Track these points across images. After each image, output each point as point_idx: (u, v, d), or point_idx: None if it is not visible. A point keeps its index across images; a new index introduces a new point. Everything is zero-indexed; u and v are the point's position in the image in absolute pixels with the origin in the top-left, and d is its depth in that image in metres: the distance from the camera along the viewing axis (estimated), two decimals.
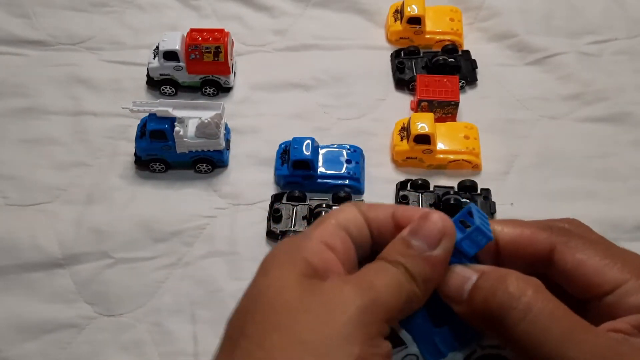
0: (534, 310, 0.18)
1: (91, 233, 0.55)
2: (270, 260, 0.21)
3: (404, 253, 0.20)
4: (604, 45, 0.68)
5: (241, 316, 0.20)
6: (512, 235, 0.22)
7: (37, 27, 0.68)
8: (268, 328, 0.19)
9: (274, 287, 0.20)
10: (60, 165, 0.59)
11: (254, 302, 0.20)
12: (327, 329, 0.18)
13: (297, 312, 0.19)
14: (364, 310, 0.19)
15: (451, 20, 0.69)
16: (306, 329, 0.18)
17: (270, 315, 0.19)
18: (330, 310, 0.19)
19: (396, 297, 0.20)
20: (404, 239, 0.21)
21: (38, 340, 0.49)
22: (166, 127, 0.56)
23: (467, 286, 0.20)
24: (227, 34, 0.62)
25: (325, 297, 0.19)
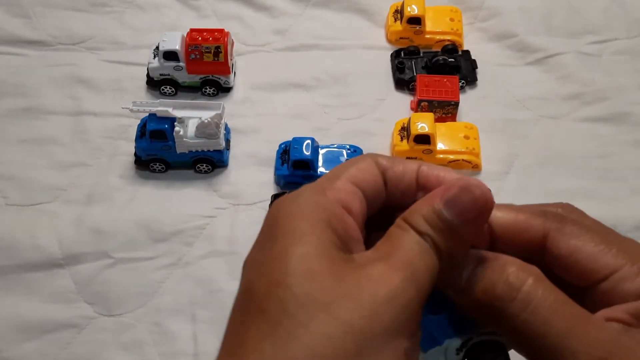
0: (534, 302, 0.18)
1: (91, 233, 0.55)
2: (295, 221, 0.19)
3: (434, 225, 0.19)
4: (604, 45, 0.68)
5: (275, 288, 0.17)
6: (506, 220, 0.21)
7: (37, 27, 0.68)
8: (312, 309, 0.16)
9: (309, 261, 0.17)
10: (60, 165, 0.59)
11: (286, 275, 0.17)
12: (375, 321, 0.17)
13: (340, 297, 0.17)
14: (412, 301, 0.17)
15: (451, 20, 0.69)
16: (353, 316, 0.16)
17: (311, 294, 0.17)
18: (376, 299, 0.17)
19: (431, 278, 0.18)
20: (436, 209, 0.19)
21: (38, 340, 0.49)
22: (166, 127, 0.56)
23: (465, 274, 0.19)
24: (227, 34, 0.62)
25: (366, 280, 0.17)
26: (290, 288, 0.17)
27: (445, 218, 0.19)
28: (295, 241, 0.18)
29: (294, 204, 0.19)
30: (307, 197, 0.20)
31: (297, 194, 0.20)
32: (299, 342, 0.16)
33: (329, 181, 0.20)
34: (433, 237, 0.19)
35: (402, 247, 0.18)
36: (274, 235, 0.19)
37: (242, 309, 0.18)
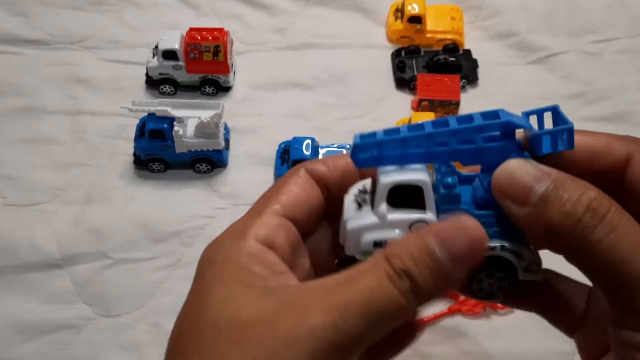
0: (619, 229, 0.17)
1: (90, 233, 0.54)
2: (209, 271, 0.20)
3: (423, 263, 0.18)
4: (605, 44, 0.68)
5: (181, 339, 0.19)
6: (585, 143, 0.20)
7: (35, 26, 0.68)
8: (216, 348, 0.18)
9: (220, 306, 0.18)
10: (58, 165, 0.59)
11: (195, 324, 0.19)
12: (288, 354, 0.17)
13: (250, 330, 0.18)
14: (325, 346, 0.17)
15: (452, 19, 0.68)
16: (263, 349, 0.17)
17: (220, 334, 0.18)
18: (274, 341, 0.17)
19: (384, 322, 0.17)
20: (428, 247, 0.18)
21: (36, 341, 0.49)
22: (165, 127, 0.56)
23: (538, 189, 0.18)
24: (227, 33, 0.62)
25: (272, 321, 0.18)
26: (195, 341, 0.18)
27: (437, 257, 0.18)
28: (208, 293, 0.19)
29: (213, 250, 0.21)
30: (226, 244, 0.21)
31: (220, 241, 0.21)
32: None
33: (252, 218, 0.21)
34: (416, 276, 0.18)
35: (357, 286, 0.18)
36: (194, 287, 0.20)
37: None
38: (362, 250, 0.21)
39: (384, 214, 0.20)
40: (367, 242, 0.20)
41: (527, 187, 0.18)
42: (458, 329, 0.50)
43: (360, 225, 0.21)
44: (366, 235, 0.21)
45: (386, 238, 0.20)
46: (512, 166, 0.19)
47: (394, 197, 0.20)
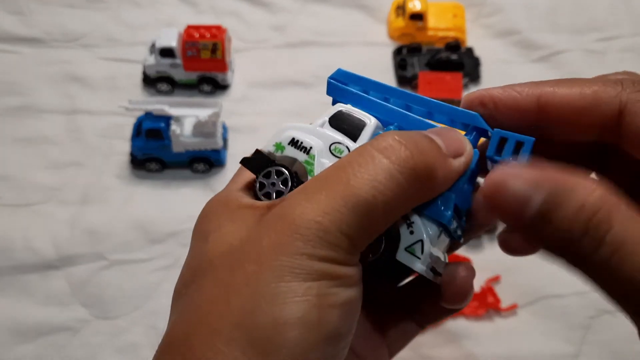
0: (623, 248, 0.15)
1: (86, 234, 0.54)
2: (205, 224, 0.21)
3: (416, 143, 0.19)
4: (609, 42, 0.67)
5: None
6: (569, 97, 0.18)
7: (31, 24, 0.67)
8: (209, 279, 0.19)
9: (213, 246, 0.19)
10: (54, 164, 0.58)
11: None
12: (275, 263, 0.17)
13: (239, 252, 0.19)
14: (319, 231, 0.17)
15: (454, 17, 0.68)
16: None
17: (214, 268, 0.19)
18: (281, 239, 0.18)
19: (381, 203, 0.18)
20: (424, 133, 0.19)
21: (33, 343, 0.49)
22: (162, 126, 0.55)
23: (533, 207, 0.16)
24: (225, 31, 0.61)
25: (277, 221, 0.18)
26: (195, 287, 0.19)
27: (437, 141, 0.20)
28: (204, 241, 0.20)
29: (206, 208, 0.22)
30: (216, 198, 0.22)
31: (210, 207, 0.22)
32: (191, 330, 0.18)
33: (234, 179, 0.23)
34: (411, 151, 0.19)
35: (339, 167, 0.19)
36: (192, 241, 0.21)
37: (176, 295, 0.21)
38: (275, 142, 0.22)
39: (318, 124, 0.22)
40: (285, 136, 0.22)
41: (518, 209, 0.17)
42: (460, 331, 0.49)
43: (292, 124, 0.23)
44: (289, 131, 0.22)
45: (304, 139, 0.22)
46: (501, 178, 0.17)
47: (336, 122, 0.22)
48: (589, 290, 0.52)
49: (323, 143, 0.22)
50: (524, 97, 0.19)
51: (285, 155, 0.22)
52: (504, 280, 0.51)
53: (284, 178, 0.21)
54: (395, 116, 0.22)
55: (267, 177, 0.22)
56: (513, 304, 0.50)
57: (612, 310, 0.50)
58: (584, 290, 0.51)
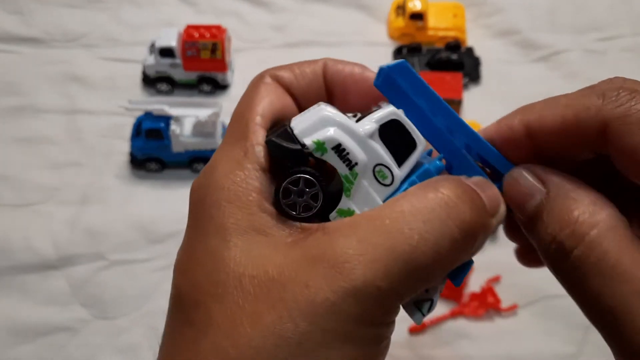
0: (616, 274, 0.16)
1: (86, 234, 0.54)
2: (216, 211, 0.18)
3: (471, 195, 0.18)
4: (609, 42, 0.67)
5: (203, 298, 0.17)
6: (552, 123, 0.18)
7: (31, 24, 0.67)
8: (240, 320, 0.16)
9: (237, 267, 0.17)
10: (54, 164, 0.58)
11: (214, 284, 0.17)
12: (310, 332, 0.16)
13: (270, 306, 0.16)
14: (354, 317, 0.16)
15: (454, 17, 0.67)
16: (284, 328, 0.16)
17: (238, 304, 0.16)
18: (314, 309, 0.16)
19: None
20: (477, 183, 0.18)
21: (32, 343, 0.49)
22: (162, 126, 0.55)
23: (532, 203, 0.18)
24: (225, 31, 0.61)
25: (304, 285, 0.16)
26: (217, 299, 0.17)
27: (483, 197, 0.18)
28: (221, 242, 0.17)
29: (214, 188, 0.18)
30: (225, 176, 0.18)
31: (211, 172, 0.19)
32: (223, 356, 0.16)
33: (241, 141, 0.19)
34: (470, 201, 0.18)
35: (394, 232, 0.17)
36: (199, 231, 0.18)
37: (172, 317, 0.18)
38: (316, 139, 0.18)
39: (369, 132, 0.18)
40: (330, 137, 0.18)
41: (522, 200, 0.18)
42: (461, 331, 0.49)
43: (339, 119, 0.18)
44: (337, 131, 0.18)
45: (352, 150, 0.18)
46: (514, 176, 0.19)
47: (386, 133, 0.19)
48: None
49: (368, 160, 0.18)
50: (514, 132, 0.19)
51: (323, 159, 0.18)
52: (505, 281, 0.51)
53: (314, 192, 0.18)
54: (443, 145, 0.19)
55: (294, 184, 0.18)
56: (513, 304, 0.50)
57: None
58: None
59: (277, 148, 0.18)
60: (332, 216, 0.19)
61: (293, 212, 0.18)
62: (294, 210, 0.18)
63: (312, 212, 0.18)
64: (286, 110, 0.20)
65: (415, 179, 0.19)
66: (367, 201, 0.19)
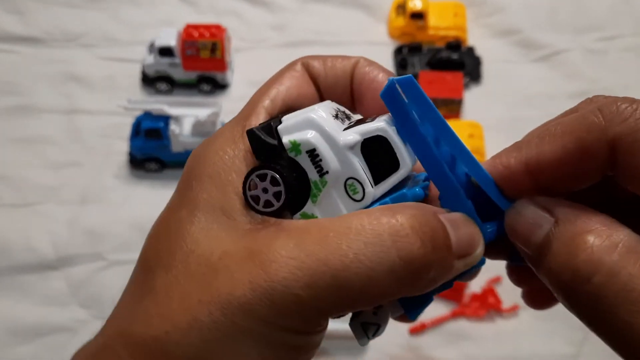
0: (619, 278, 0.15)
1: (85, 234, 0.53)
2: (196, 184, 0.18)
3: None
4: (610, 42, 0.67)
5: (161, 270, 0.17)
6: (554, 157, 0.16)
7: (30, 24, 0.67)
8: (189, 300, 0.16)
9: (196, 237, 0.17)
10: (53, 164, 0.58)
11: (173, 256, 0.17)
12: (234, 321, 0.16)
13: (213, 275, 0.16)
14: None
15: (455, 16, 0.67)
16: (217, 313, 0.16)
17: (187, 271, 0.17)
18: (239, 293, 0.16)
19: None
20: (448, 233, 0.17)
21: (32, 343, 0.49)
22: (161, 126, 0.55)
23: (540, 234, 0.16)
24: (224, 30, 0.61)
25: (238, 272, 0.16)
26: (164, 269, 0.17)
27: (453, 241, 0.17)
28: (189, 214, 0.18)
29: (204, 160, 0.19)
30: (216, 152, 0.18)
31: (208, 143, 0.19)
32: (149, 322, 0.17)
33: (243, 119, 0.19)
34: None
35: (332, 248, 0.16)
36: (178, 198, 0.19)
37: (130, 279, 0.19)
38: (294, 139, 0.18)
39: (350, 144, 0.18)
40: (307, 141, 0.18)
41: (528, 233, 0.17)
42: (461, 332, 0.49)
43: (322, 124, 0.18)
44: (315, 136, 0.18)
45: (325, 157, 0.18)
46: (517, 207, 0.18)
47: (369, 148, 0.18)
48: None
49: (342, 171, 0.18)
50: (512, 171, 0.18)
51: (295, 160, 0.18)
52: (505, 281, 0.51)
53: (277, 191, 0.18)
54: (435, 171, 0.18)
55: (261, 178, 0.18)
56: (514, 305, 0.50)
57: None
58: None
59: (254, 139, 0.18)
60: (295, 217, 0.19)
61: (255, 204, 0.18)
62: (256, 203, 0.18)
63: (272, 209, 0.18)
64: (304, 100, 0.20)
65: (388, 201, 0.18)
66: (332, 212, 0.18)
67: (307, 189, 0.18)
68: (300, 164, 0.18)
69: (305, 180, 0.18)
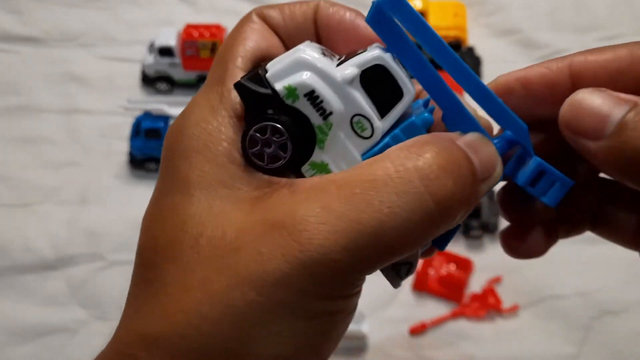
0: None
1: (84, 234, 0.53)
2: (182, 162, 0.16)
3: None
4: (610, 41, 0.67)
5: (160, 259, 0.16)
6: (603, 61, 0.17)
7: (29, 23, 0.67)
8: (191, 285, 0.15)
9: (195, 227, 0.16)
10: (53, 164, 0.58)
11: (172, 244, 0.16)
12: (259, 303, 0.15)
13: (221, 271, 0.15)
14: (309, 278, 0.15)
15: (455, 16, 0.67)
16: (233, 295, 0.15)
17: (191, 268, 0.16)
18: (265, 277, 0.15)
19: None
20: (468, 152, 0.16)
21: (32, 344, 0.49)
22: (161, 126, 0.55)
23: (614, 117, 0.16)
24: (224, 30, 0.61)
25: (255, 253, 0.15)
26: (172, 259, 0.16)
27: (476, 166, 0.16)
28: (185, 196, 0.16)
29: (185, 136, 0.17)
30: (197, 124, 0.17)
31: (185, 117, 0.17)
32: (170, 320, 0.15)
33: (217, 84, 0.17)
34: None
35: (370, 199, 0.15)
36: (166, 182, 0.17)
37: (134, 275, 0.17)
38: (288, 84, 0.16)
39: (348, 79, 0.17)
40: (303, 83, 0.16)
41: (601, 116, 0.16)
42: (461, 332, 0.49)
43: (314, 62, 0.16)
44: (311, 76, 0.16)
45: (326, 97, 0.16)
46: (579, 97, 0.16)
47: (368, 79, 0.17)
48: (591, 291, 0.52)
49: (345, 109, 0.17)
50: (554, 71, 0.17)
51: (295, 107, 0.16)
52: (506, 281, 0.51)
53: (282, 142, 0.16)
54: (439, 93, 0.17)
55: (262, 132, 0.16)
56: (514, 305, 0.50)
57: (613, 310, 0.49)
58: (585, 291, 0.50)
59: (245, 92, 0.17)
60: (304, 169, 0.17)
61: (260, 162, 0.17)
62: (261, 160, 0.17)
63: (281, 163, 0.17)
64: (272, 52, 0.18)
65: (398, 133, 0.17)
66: (343, 155, 0.17)
67: (312, 135, 0.17)
68: (300, 110, 0.17)
69: (309, 126, 0.17)
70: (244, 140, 0.17)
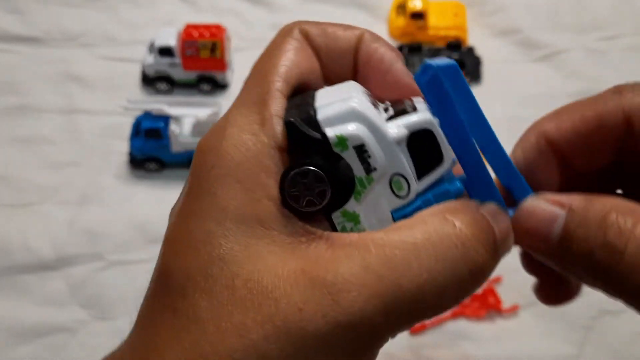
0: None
1: (84, 234, 0.53)
2: (220, 189, 0.16)
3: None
4: (611, 41, 0.67)
5: (192, 286, 0.15)
6: (572, 128, 0.17)
7: (29, 23, 0.67)
8: (225, 321, 0.15)
9: (229, 259, 0.15)
10: (52, 164, 0.58)
11: (205, 274, 0.15)
12: (286, 348, 0.14)
13: (273, 304, 0.15)
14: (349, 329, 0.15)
15: (455, 16, 0.67)
16: (261, 339, 0.14)
17: (226, 302, 0.15)
18: (292, 320, 0.14)
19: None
20: None
21: (32, 344, 0.48)
22: (161, 126, 0.55)
23: (556, 228, 0.17)
24: (224, 30, 0.61)
25: (285, 298, 0.15)
26: (206, 295, 0.15)
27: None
28: (220, 227, 0.16)
29: (224, 159, 0.16)
30: (236, 147, 0.16)
31: (222, 135, 0.16)
32: (203, 356, 0.15)
33: (258, 106, 0.16)
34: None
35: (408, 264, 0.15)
36: (198, 205, 0.16)
37: (155, 298, 0.16)
38: (340, 133, 0.16)
39: (398, 139, 0.17)
40: (355, 135, 0.16)
41: (544, 227, 0.17)
42: (461, 332, 0.49)
43: (368, 115, 0.16)
44: (364, 130, 0.16)
45: (374, 154, 0.16)
46: (528, 207, 0.18)
47: (414, 141, 0.17)
48: (591, 291, 0.51)
49: (388, 167, 0.17)
50: (533, 147, 0.18)
51: (340, 156, 0.16)
52: (506, 281, 0.51)
53: (321, 189, 0.16)
54: (469, 161, 0.18)
55: (303, 176, 0.16)
56: (514, 305, 0.50)
57: (613, 311, 0.49)
58: (585, 291, 0.50)
59: (296, 132, 0.16)
60: (334, 215, 0.17)
61: (295, 204, 0.16)
62: (296, 202, 0.16)
63: (316, 208, 0.17)
64: (312, 77, 0.18)
65: (430, 198, 0.18)
66: (375, 209, 0.17)
67: (351, 186, 0.17)
68: (346, 160, 0.17)
69: (350, 177, 0.17)
70: (284, 180, 0.16)
